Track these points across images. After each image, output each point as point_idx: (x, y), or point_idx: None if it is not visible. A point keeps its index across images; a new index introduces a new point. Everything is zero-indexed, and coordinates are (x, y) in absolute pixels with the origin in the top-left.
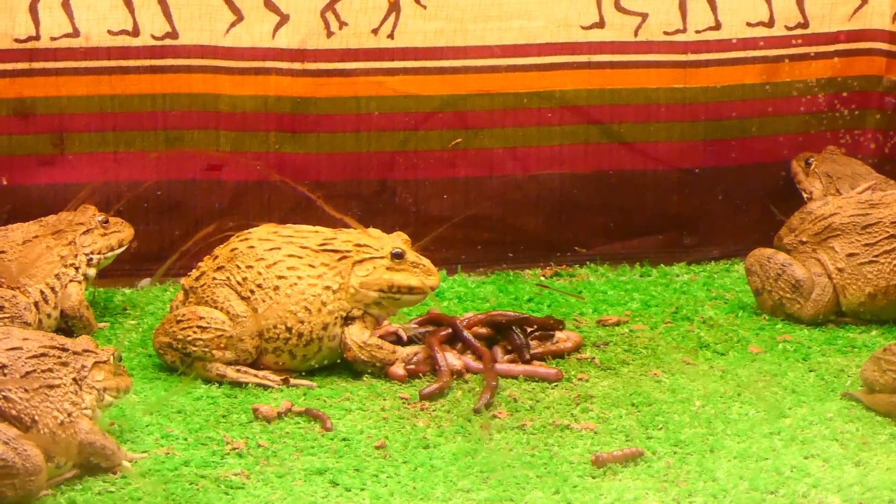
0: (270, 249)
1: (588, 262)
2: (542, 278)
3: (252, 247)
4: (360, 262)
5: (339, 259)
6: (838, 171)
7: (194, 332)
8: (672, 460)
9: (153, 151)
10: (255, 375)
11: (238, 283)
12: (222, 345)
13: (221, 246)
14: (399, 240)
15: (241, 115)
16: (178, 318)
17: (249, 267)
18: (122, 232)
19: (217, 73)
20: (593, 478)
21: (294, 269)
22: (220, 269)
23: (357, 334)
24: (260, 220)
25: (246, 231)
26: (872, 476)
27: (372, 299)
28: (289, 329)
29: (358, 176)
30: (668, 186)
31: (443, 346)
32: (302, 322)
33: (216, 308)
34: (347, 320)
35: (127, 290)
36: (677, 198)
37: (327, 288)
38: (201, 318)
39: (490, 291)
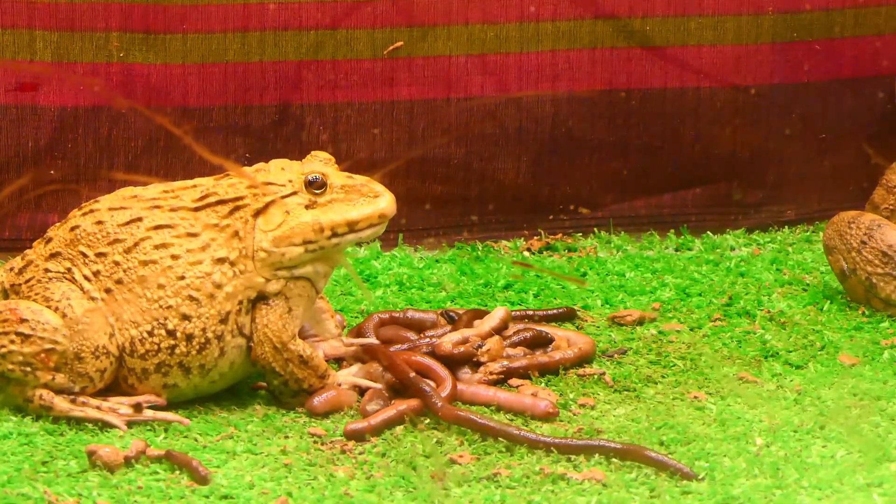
0: (128, 223)
1: (596, 229)
2: (526, 254)
3: (100, 223)
4: (263, 209)
5: (231, 213)
6: None
7: (11, 342)
8: None
9: None
10: (98, 408)
11: (87, 277)
12: (51, 363)
13: (56, 225)
14: (316, 161)
15: (67, 7)
16: None
17: (101, 255)
18: None
19: None
20: None
21: (165, 245)
22: (54, 256)
23: (275, 323)
24: (96, 168)
25: (91, 201)
26: None
27: (299, 259)
28: (171, 333)
29: (246, 99)
30: (717, 114)
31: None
32: (188, 318)
33: (48, 307)
34: (260, 300)
35: None
36: (730, 131)
37: (220, 261)
38: (23, 320)
39: (446, 273)
